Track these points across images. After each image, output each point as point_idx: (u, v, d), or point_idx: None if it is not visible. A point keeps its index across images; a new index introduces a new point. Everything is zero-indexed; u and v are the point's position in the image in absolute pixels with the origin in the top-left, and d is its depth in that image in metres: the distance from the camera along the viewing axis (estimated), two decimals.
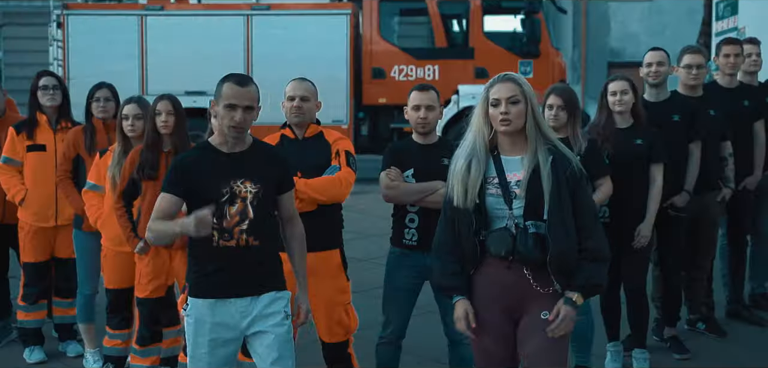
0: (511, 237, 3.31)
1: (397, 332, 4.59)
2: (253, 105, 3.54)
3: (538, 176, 3.32)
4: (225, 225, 3.52)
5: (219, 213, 3.49)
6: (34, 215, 5.60)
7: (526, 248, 3.30)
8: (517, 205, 3.35)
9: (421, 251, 4.48)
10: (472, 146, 3.46)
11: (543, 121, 3.45)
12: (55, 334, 5.93)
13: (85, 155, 5.36)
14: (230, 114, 3.49)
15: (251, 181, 3.56)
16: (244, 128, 3.53)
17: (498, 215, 3.39)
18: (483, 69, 14.61)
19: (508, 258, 3.34)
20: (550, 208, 3.30)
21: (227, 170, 3.55)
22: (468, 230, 3.40)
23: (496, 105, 3.36)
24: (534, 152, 3.37)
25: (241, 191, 3.54)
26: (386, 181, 4.49)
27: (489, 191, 3.40)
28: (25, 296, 5.67)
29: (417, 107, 4.48)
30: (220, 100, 3.51)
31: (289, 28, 14.44)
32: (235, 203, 3.52)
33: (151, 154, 4.74)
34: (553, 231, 3.29)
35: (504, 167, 3.42)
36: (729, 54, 6.08)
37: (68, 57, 14.58)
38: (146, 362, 4.93)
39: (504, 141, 3.45)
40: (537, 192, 3.32)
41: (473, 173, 3.39)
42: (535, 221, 3.33)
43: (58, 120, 5.65)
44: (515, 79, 3.41)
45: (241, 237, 3.54)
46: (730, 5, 9.77)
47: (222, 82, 3.54)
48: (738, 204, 6.19)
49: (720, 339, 5.96)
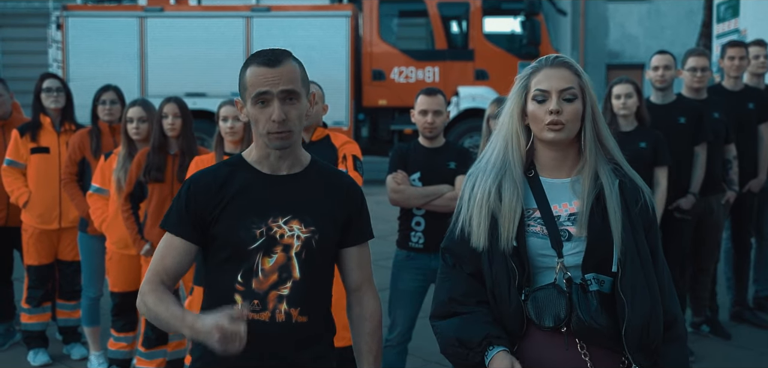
0: (565, 298, 2.28)
1: (403, 334, 4.60)
2: (298, 90, 2.36)
3: (602, 206, 2.33)
4: (255, 287, 2.34)
5: (247, 267, 2.34)
6: (38, 217, 5.59)
7: (587, 315, 2.26)
8: (572, 250, 2.32)
9: (427, 253, 4.52)
10: (501, 160, 2.41)
11: (605, 128, 2.43)
12: (59, 337, 5.92)
13: (91, 157, 5.36)
14: (265, 112, 2.34)
15: (301, 221, 2.39)
16: (291, 130, 2.34)
17: (541, 266, 2.34)
18: (483, 71, 14.63)
19: (559, 329, 2.30)
20: (624, 253, 2.29)
21: (264, 201, 2.38)
22: (508, 285, 2.32)
23: (543, 100, 2.35)
24: (593, 172, 2.36)
25: (282, 236, 2.37)
26: (393, 185, 4.49)
27: (529, 228, 2.35)
28: (29, 298, 5.66)
29: (424, 112, 4.49)
30: (246, 92, 2.36)
31: (289, 30, 14.42)
32: (272, 254, 2.35)
33: (157, 157, 4.74)
34: (631, 288, 2.27)
35: (546, 193, 2.39)
36: (734, 57, 6.08)
37: (68, 59, 14.57)
38: (152, 364, 4.93)
39: (547, 155, 2.41)
40: (602, 231, 2.31)
41: (508, 201, 2.34)
42: (599, 274, 2.32)
43: (61, 122, 5.65)
44: (571, 65, 2.39)
45: (278, 308, 2.36)
46: (731, 7, 9.77)
47: (244, 68, 2.40)
48: (742, 207, 6.20)
49: (724, 341, 5.96)
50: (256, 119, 2.36)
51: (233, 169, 2.44)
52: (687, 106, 5.64)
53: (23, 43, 20.25)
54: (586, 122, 2.37)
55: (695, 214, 5.61)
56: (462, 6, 14.94)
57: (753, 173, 6.21)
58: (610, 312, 2.29)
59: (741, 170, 6.04)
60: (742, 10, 9.49)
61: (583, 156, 2.38)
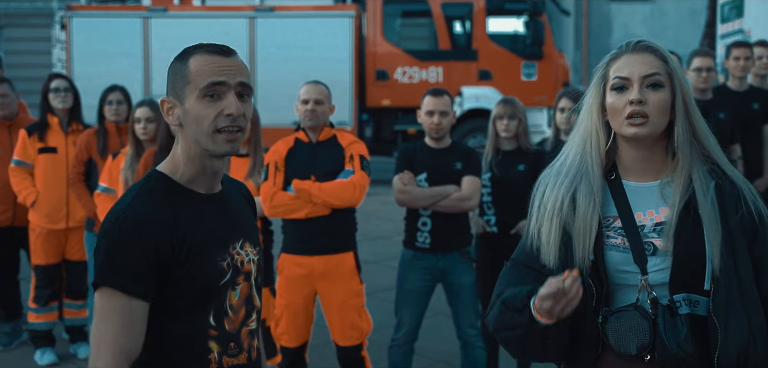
0: (649, 322, 1.99)
1: (409, 334, 4.61)
2: (252, 88, 2.04)
3: (692, 216, 2.02)
4: (228, 328, 2.05)
5: (217, 307, 2.02)
6: (46, 217, 5.61)
7: (674, 343, 1.96)
8: (658, 266, 2.02)
9: (434, 253, 4.55)
10: (578, 163, 2.12)
11: (702, 122, 2.11)
12: (66, 336, 5.94)
13: (98, 157, 5.38)
14: (215, 106, 1.97)
15: (250, 243, 2.13)
16: (243, 129, 2.01)
17: (621, 283, 2.06)
18: (486, 71, 14.63)
19: (643, 357, 2.01)
20: (720, 272, 1.98)
21: (219, 227, 2.06)
22: (584, 305, 2.02)
23: (623, 89, 2.05)
24: (687, 174, 2.05)
25: (242, 263, 2.09)
26: (399, 185, 4.51)
27: (608, 240, 2.07)
28: (36, 298, 5.68)
29: (431, 112, 4.51)
30: (189, 85, 1.99)
31: (293, 30, 14.45)
32: (236, 286, 2.07)
33: (164, 156, 4.74)
34: (726, 312, 1.97)
35: (629, 199, 2.09)
36: (739, 57, 6.09)
37: (72, 59, 14.60)
38: None
39: (630, 155, 2.11)
40: (692, 244, 2.01)
41: (583, 210, 2.06)
42: (690, 293, 2.02)
43: (69, 122, 5.67)
44: (656, 49, 2.09)
45: (252, 346, 2.12)
46: (736, 7, 9.79)
47: (183, 58, 2.04)
48: None
49: None
50: (201, 116, 1.96)
51: (171, 196, 2.01)
52: None
53: (26, 43, 20.30)
54: (678, 114, 2.05)
55: None
56: (465, 6, 14.95)
57: (758, 172, 6.22)
58: (700, 338, 1.98)
59: (746, 170, 6.04)
60: (746, 11, 9.50)
61: (675, 156, 2.07)
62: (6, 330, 6.00)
